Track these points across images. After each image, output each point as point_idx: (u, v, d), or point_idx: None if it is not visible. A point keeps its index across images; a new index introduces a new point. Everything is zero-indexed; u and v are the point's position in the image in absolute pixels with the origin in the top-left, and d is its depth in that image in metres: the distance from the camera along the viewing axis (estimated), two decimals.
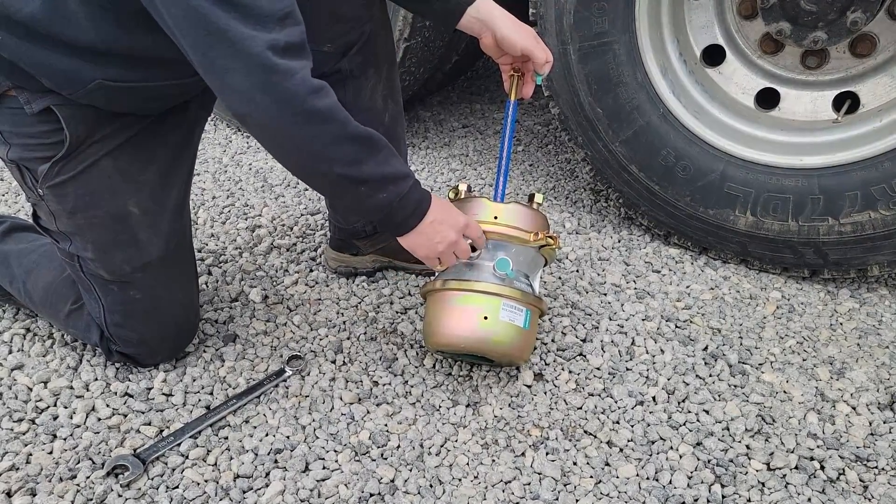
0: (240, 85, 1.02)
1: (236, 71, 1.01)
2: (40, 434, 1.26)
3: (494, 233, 1.33)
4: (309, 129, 1.07)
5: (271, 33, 1.00)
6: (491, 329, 1.29)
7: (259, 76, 1.01)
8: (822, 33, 1.57)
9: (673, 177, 1.77)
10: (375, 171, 1.15)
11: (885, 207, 1.58)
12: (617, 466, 1.24)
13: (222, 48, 1.00)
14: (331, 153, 1.11)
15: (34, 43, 1.10)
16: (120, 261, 1.29)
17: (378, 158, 1.16)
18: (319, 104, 1.06)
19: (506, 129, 1.42)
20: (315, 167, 1.15)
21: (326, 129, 1.09)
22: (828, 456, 1.26)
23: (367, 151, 1.14)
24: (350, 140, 1.11)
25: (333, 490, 1.18)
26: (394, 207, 1.20)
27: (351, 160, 1.13)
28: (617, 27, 1.68)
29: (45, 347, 1.47)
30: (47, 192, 1.25)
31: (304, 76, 1.04)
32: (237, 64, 1.00)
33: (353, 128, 1.11)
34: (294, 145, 1.11)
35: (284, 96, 1.03)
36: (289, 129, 1.07)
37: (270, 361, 1.45)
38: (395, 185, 1.18)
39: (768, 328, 1.60)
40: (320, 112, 1.07)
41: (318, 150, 1.10)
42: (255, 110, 1.05)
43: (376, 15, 1.46)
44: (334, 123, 1.09)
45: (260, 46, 0.99)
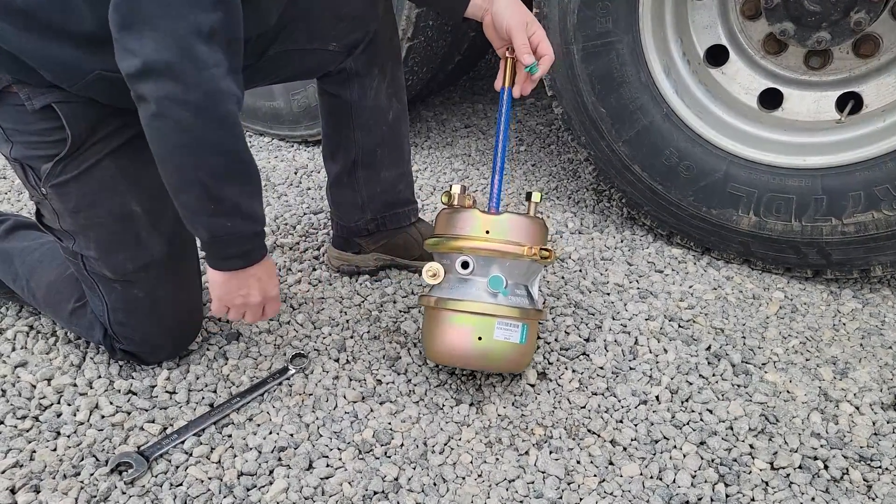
0: (149, 54, 0.99)
1: (151, 39, 0.99)
2: (44, 431, 1.26)
3: (486, 250, 1.29)
4: (198, 122, 1.04)
5: (202, 13, 0.99)
6: (486, 348, 1.29)
7: (172, 54, 0.99)
8: (825, 34, 1.57)
9: (676, 177, 1.77)
10: (234, 198, 1.13)
11: (889, 208, 1.58)
12: (620, 465, 1.24)
13: (144, 12, 0.98)
14: (205, 155, 1.08)
15: (33, 32, 1.09)
16: (123, 260, 1.29)
17: (245, 189, 1.15)
18: (220, 105, 1.04)
19: (500, 123, 1.39)
20: (184, 159, 1.09)
21: (213, 132, 1.07)
22: (831, 455, 1.26)
23: (239, 175, 1.13)
24: (228, 153, 1.10)
25: (337, 488, 1.18)
26: (225, 242, 1.17)
27: (219, 173, 1.10)
28: (620, 27, 1.68)
29: (49, 345, 1.47)
30: (50, 191, 1.25)
31: (216, 73, 1.02)
32: (155, 33, 0.98)
33: (240, 147, 1.11)
34: (176, 130, 1.06)
35: (189, 82, 1.01)
36: (179, 113, 1.03)
37: (274, 360, 1.45)
38: (244, 223, 1.17)
39: (771, 328, 1.61)
40: (217, 113, 1.05)
41: (195, 145, 1.07)
42: (152, 84, 1.01)
43: (381, 14, 1.46)
44: (224, 131, 1.07)
45: (186, 24, 0.98)
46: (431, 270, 1.33)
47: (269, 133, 2.59)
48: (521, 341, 1.30)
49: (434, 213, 2.08)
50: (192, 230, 1.19)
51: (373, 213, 1.66)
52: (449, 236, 1.34)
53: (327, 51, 1.44)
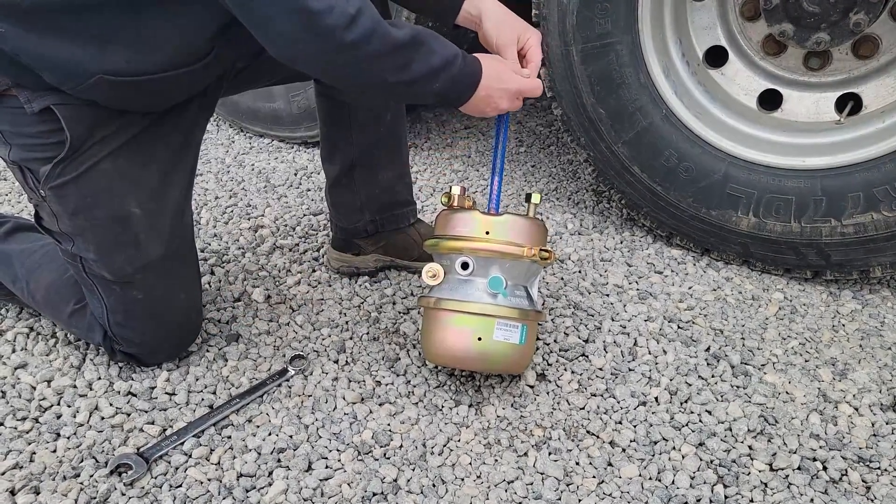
0: (282, 28, 1.05)
1: (275, 18, 1.03)
2: (44, 433, 1.27)
3: (486, 250, 1.30)
4: (354, 54, 1.09)
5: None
6: (486, 349, 1.29)
7: (297, 19, 1.03)
8: (824, 35, 1.57)
9: (675, 178, 1.77)
10: (424, 68, 1.17)
11: (888, 209, 1.58)
12: (619, 466, 1.24)
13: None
14: (380, 68, 1.14)
15: (35, 32, 1.09)
16: (121, 261, 1.29)
17: (423, 53, 1.17)
18: (358, 31, 1.07)
19: (499, 128, 1.40)
20: (369, 83, 1.19)
21: (370, 51, 1.10)
22: (830, 457, 1.26)
23: (412, 53, 1.15)
24: (393, 51, 1.13)
25: (336, 489, 1.18)
26: (447, 91, 1.22)
27: (399, 66, 1.14)
28: (619, 28, 1.68)
29: (49, 346, 1.47)
30: (49, 193, 1.25)
31: (340, 9, 1.04)
32: (275, 10, 1.02)
33: (393, 38, 1.12)
34: (345, 72, 1.15)
35: (324, 32, 1.04)
36: (335, 60, 1.10)
37: (273, 361, 1.46)
38: (445, 72, 1.20)
39: (770, 329, 1.61)
40: (361, 38, 1.07)
41: (366, 69, 1.14)
42: (301, 52, 1.09)
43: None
44: (375, 42, 1.09)
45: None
46: (431, 271, 1.33)
47: (269, 134, 2.59)
48: (520, 342, 1.30)
49: (434, 213, 2.08)
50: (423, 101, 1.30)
51: (371, 215, 1.67)
52: (449, 237, 1.34)
53: None
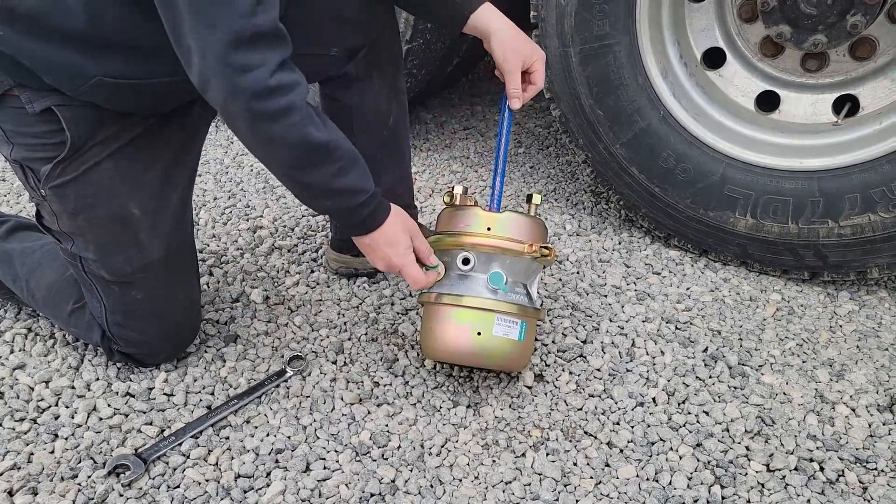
0: (198, 66, 1.03)
1: (196, 54, 1.02)
2: (42, 433, 1.27)
3: (487, 246, 1.31)
4: (254, 125, 1.07)
5: (240, 19, 0.99)
6: (485, 344, 1.29)
7: (214, 65, 1.01)
8: (822, 36, 1.58)
9: (673, 179, 1.77)
10: (322, 181, 1.16)
11: (885, 210, 1.58)
12: (617, 467, 1.24)
13: (186, 28, 1.00)
14: (274, 153, 1.13)
15: (36, 37, 1.10)
16: (121, 261, 1.29)
17: (330, 169, 1.15)
18: (269, 104, 1.04)
19: (502, 130, 1.42)
20: (266, 159, 1.18)
21: (271, 131, 1.08)
22: (827, 457, 1.27)
23: (318, 160, 1.14)
24: (295, 146, 1.10)
25: (334, 490, 1.18)
26: (340, 216, 1.24)
27: (296, 165, 1.13)
28: (618, 29, 1.69)
29: (47, 347, 1.47)
30: (49, 192, 1.25)
31: (259, 74, 1.02)
32: (197, 47, 1.01)
33: (304, 134, 1.10)
34: (242, 133, 1.11)
35: (234, 90, 1.02)
36: (237, 118, 1.07)
37: (271, 362, 1.46)
38: (343, 198, 1.19)
39: (768, 330, 1.61)
40: (267, 113, 1.05)
41: (262, 145, 1.12)
42: (210, 93, 1.05)
43: (382, 18, 1.47)
44: (281, 126, 1.07)
45: (221, 35, 0.99)
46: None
47: None
48: (519, 338, 1.31)
49: (432, 214, 2.09)
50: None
51: None
52: (450, 233, 1.35)
53: (328, 55, 1.44)
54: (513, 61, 1.34)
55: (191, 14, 0.99)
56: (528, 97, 1.40)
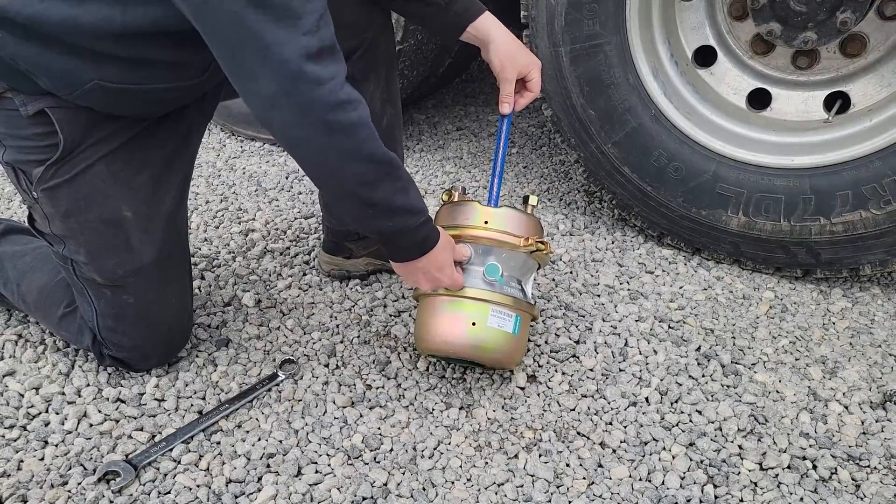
0: (266, 89, 1.02)
1: (264, 76, 1.01)
2: (32, 440, 1.26)
3: (484, 238, 1.32)
4: (328, 140, 1.07)
5: (305, 36, 0.99)
6: (479, 335, 1.29)
7: (286, 83, 1.01)
8: (812, 34, 1.58)
9: (665, 178, 1.77)
10: (387, 198, 1.16)
11: (876, 207, 1.58)
12: (610, 468, 1.24)
13: (252, 52, 0.99)
14: (346, 168, 1.11)
15: (32, 42, 1.09)
16: (113, 265, 1.28)
17: (395, 186, 1.16)
18: (342, 117, 1.05)
19: (500, 135, 1.43)
20: (330, 177, 1.16)
21: (345, 145, 1.08)
22: (820, 455, 1.27)
23: (385, 176, 1.14)
24: (367, 160, 1.11)
25: (326, 494, 1.18)
26: (395, 238, 1.22)
27: (365, 181, 1.13)
28: (608, 29, 1.68)
29: (37, 353, 1.46)
30: (41, 195, 1.24)
31: (332, 87, 1.03)
32: (266, 69, 1.00)
33: (374, 149, 1.11)
34: (312, 152, 1.11)
35: (308, 104, 1.03)
36: (309, 136, 1.07)
37: (263, 366, 1.45)
38: (404, 218, 1.19)
39: (761, 328, 1.61)
40: (341, 125, 1.06)
41: (333, 162, 1.11)
42: (278, 115, 1.05)
43: (378, 21, 1.47)
44: (354, 140, 1.08)
45: (292, 52, 0.98)
46: None
47: (260, 138, 2.59)
48: (513, 332, 1.31)
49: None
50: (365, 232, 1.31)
51: None
52: (449, 226, 1.36)
53: None
54: (509, 70, 1.37)
55: (254, 38, 0.97)
56: (524, 103, 1.43)
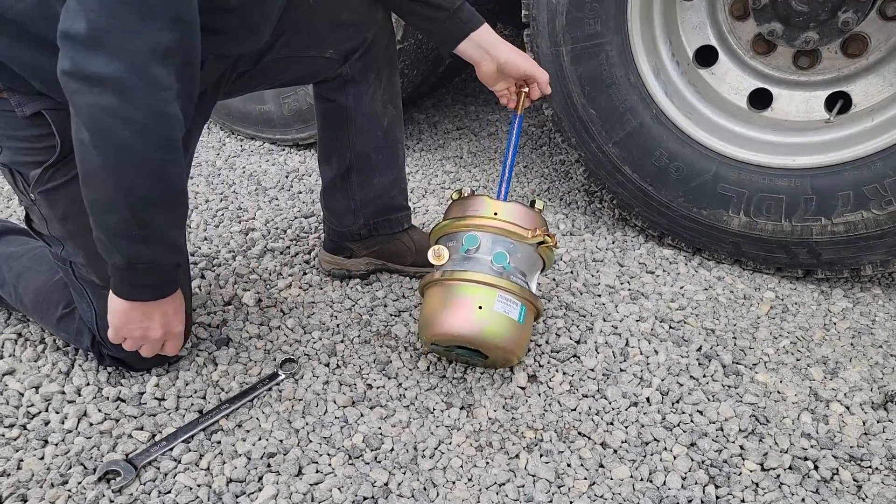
0: (100, 64, 0.95)
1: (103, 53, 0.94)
2: (32, 440, 1.26)
3: (493, 227, 1.35)
4: (142, 145, 1.00)
5: (159, 32, 0.95)
6: (485, 319, 1.30)
7: (126, 67, 0.95)
8: (813, 34, 1.57)
9: (666, 178, 1.77)
10: (163, 227, 1.10)
11: (878, 207, 1.58)
12: (611, 468, 1.24)
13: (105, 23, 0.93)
14: (142, 179, 1.03)
15: (25, 43, 1.09)
16: None
17: (175, 217, 1.13)
18: (167, 131, 1.01)
19: (511, 136, 1.46)
20: (116, 179, 1.03)
21: (158, 155, 1.03)
22: (821, 456, 1.26)
23: (173, 204, 1.10)
24: (168, 182, 1.06)
25: (327, 494, 1.17)
26: (143, 271, 1.13)
27: (152, 199, 1.06)
28: (609, 28, 1.68)
29: (37, 352, 1.46)
30: (39, 197, 1.24)
31: (166, 95, 0.98)
32: (109, 48, 0.94)
33: (178, 175, 1.07)
34: (115, 146, 1.00)
35: (140, 100, 0.97)
36: (121, 132, 0.99)
37: (264, 365, 1.45)
38: (166, 252, 1.14)
39: (762, 328, 1.61)
40: (164, 137, 1.02)
41: (133, 164, 1.02)
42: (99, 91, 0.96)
43: (379, 21, 1.47)
44: (167, 156, 1.03)
45: (142, 41, 0.94)
46: (436, 252, 1.37)
47: (260, 137, 2.58)
48: (519, 320, 1.32)
49: (426, 215, 2.08)
50: (105, 253, 1.11)
51: (366, 219, 1.66)
52: (458, 217, 1.40)
53: (324, 57, 1.44)
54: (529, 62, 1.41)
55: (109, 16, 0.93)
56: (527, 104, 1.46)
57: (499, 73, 1.42)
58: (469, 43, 1.39)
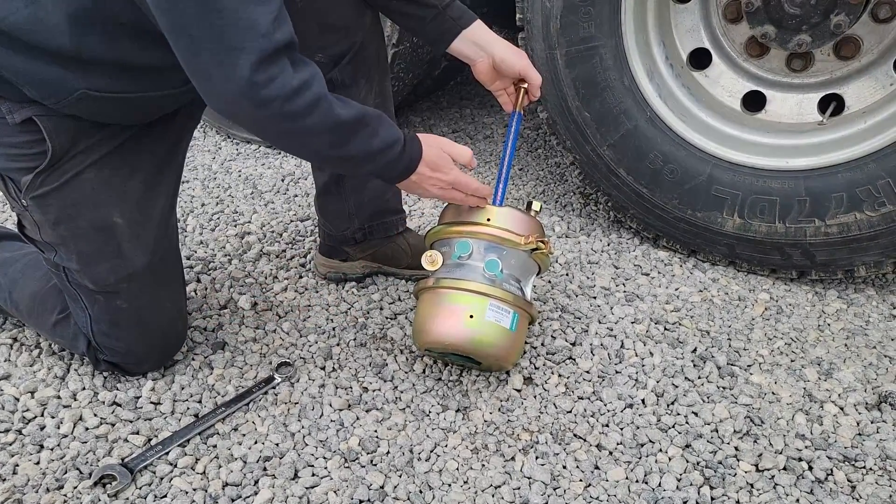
0: (221, 91, 1.04)
1: (215, 78, 1.03)
2: (27, 444, 1.26)
3: (485, 234, 1.34)
4: (292, 125, 1.10)
5: (263, 40, 1.00)
6: (476, 328, 1.30)
7: (236, 86, 1.02)
8: (806, 36, 1.58)
9: (661, 180, 1.77)
10: (361, 148, 1.19)
11: (871, 209, 1.59)
12: (606, 470, 1.24)
13: (208, 55, 1.00)
14: (318, 141, 1.15)
15: (18, 52, 1.09)
16: (105, 271, 1.28)
17: (363, 135, 1.18)
18: (298, 103, 1.07)
19: (509, 139, 1.45)
20: (304, 151, 1.26)
21: (308, 124, 1.10)
22: (816, 456, 1.27)
23: (352, 133, 1.16)
24: (333, 128, 1.13)
25: (323, 497, 1.17)
26: (384, 171, 1.25)
27: (337, 143, 1.16)
28: (603, 31, 1.69)
29: (33, 357, 1.46)
30: (31, 202, 1.24)
31: (281, 81, 1.04)
32: (216, 70, 1.01)
33: (335, 115, 1.13)
34: (281, 139, 1.18)
35: (263, 102, 1.04)
36: (272, 127, 1.11)
37: (259, 369, 1.45)
38: (382, 155, 1.22)
39: (757, 330, 1.61)
40: (300, 111, 1.08)
41: (302, 139, 1.16)
42: (237, 114, 1.10)
43: (368, 25, 1.46)
44: (315, 116, 1.10)
45: (247, 56, 0.99)
46: (430, 258, 1.37)
47: (255, 140, 2.58)
48: (511, 328, 1.32)
49: (421, 218, 2.08)
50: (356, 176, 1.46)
51: (360, 222, 1.66)
52: (451, 223, 1.39)
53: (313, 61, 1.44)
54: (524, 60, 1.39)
55: (213, 40, 0.99)
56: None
57: (495, 72, 1.40)
58: (462, 41, 1.38)
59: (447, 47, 1.39)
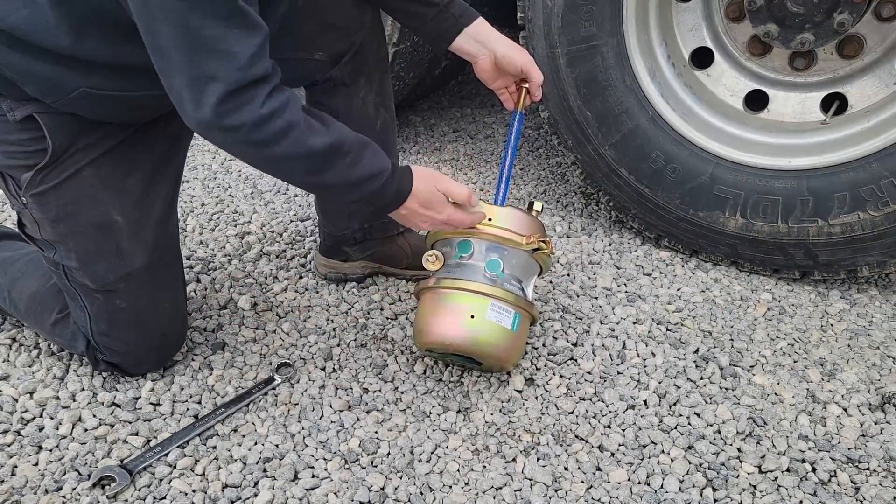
0: (193, 115, 1.04)
1: (186, 102, 1.03)
2: (26, 446, 1.25)
3: (487, 234, 1.34)
4: (262, 152, 1.10)
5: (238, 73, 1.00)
6: (477, 328, 1.29)
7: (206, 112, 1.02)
8: (809, 35, 1.57)
9: (662, 179, 1.77)
10: (338, 178, 1.18)
11: (874, 208, 1.58)
12: (608, 471, 1.23)
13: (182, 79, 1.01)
14: (289, 168, 1.16)
15: (17, 50, 1.09)
16: (104, 270, 1.28)
17: (341, 165, 1.16)
18: (268, 131, 1.06)
19: (510, 139, 1.44)
20: (281, 176, 1.25)
21: (278, 152, 1.09)
22: (819, 458, 1.26)
23: (326, 162, 1.15)
24: (306, 156, 1.12)
25: (323, 499, 1.17)
26: (371, 201, 1.23)
27: (310, 171, 1.15)
28: (605, 30, 1.68)
29: (32, 358, 1.45)
30: (30, 200, 1.24)
31: (250, 109, 1.03)
32: (187, 93, 1.02)
33: (307, 145, 1.11)
34: (254, 163, 1.17)
35: (232, 129, 1.04)
36: (243, 152, 1.12)
37: (259, 369, 1.44)
38: (367, 185, 1.20)
39: (759, 330, 1.60)
40: (269, 139, 1.07)
41: (274, 166, 1.16)
42: (210, 137, 1.09)
43: (368, 24, 1.46)
44: (284, 145, 1.08)
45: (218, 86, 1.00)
46: (431, 257, 1.36)
47: None
48: (512, 328, 1.31)
49: None
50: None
51: (360, 222, 1.65)
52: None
53: (313, 60, 1.44)
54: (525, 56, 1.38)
55: (189, 66, 0.99)
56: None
57: (497, 69, 1.39)
58: (464, 38, 1.36)
59: (449, 45, 1.38)
